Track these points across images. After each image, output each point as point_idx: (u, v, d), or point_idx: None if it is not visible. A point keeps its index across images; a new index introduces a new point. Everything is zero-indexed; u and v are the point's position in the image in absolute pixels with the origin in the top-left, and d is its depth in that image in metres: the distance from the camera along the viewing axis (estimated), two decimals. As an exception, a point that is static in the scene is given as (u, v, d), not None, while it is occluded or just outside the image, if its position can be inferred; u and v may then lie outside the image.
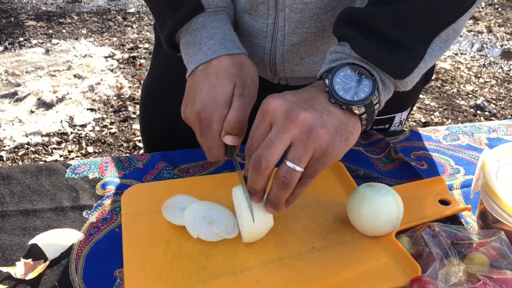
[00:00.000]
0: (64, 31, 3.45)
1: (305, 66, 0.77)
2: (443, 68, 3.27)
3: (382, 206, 0.59)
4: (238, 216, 0.61)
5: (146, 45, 3.31)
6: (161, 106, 0.91)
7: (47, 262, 0.58)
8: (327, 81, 0.56)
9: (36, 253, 0.60)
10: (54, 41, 3.27)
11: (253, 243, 0.60)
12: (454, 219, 0.69)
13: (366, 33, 0.56)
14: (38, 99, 2.58)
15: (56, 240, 0.61)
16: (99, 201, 0.68)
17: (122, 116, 2.52)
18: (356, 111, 0.55)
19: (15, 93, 2.63)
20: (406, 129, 0.91)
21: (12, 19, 3.57)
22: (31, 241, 0.60)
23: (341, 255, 0.59)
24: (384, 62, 0.56)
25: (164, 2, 0.67)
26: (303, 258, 0.58)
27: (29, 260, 0.58)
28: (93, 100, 2.64)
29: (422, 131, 0.90)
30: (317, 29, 0.71)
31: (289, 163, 0.52)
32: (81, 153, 2.25)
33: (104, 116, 2.52)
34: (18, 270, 0.57)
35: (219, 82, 0.61)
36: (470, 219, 0.69)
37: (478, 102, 2.85)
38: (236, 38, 0.66)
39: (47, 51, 3.13)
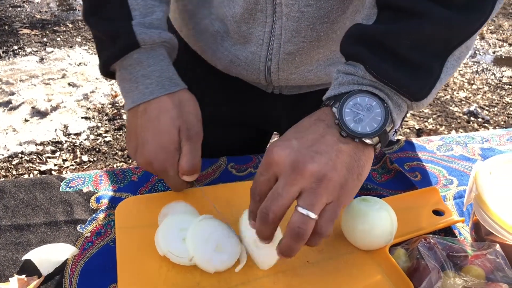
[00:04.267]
0: (58, 39, 3.44)
1: (299, 74, 0.77)
2: (437, 75, 3.29)
3: (376, 221, 0.59)
4: (247, 242, 0.59)
5: (141, 53, 3.32)
6: None
7: (41, 278, 0.58)
8: (334, 110, 0.53)
9: (29, 269, 0.59)
10: (49, 49, 3.27)
11: (248, 257, 0.60)
12: (448, 231, 0.69)
13: (383, 54, 0.53)
14: (32, 107, 2.57)
15: (50, 255, 0.60)
16: (93, 215, 0.68)
17: (117, 124, 2.52)
18: (370, 142, 0.53)
19: (9, 102, 2.62)
20: (401, 138, 0.91)
21: (6, 27, 3.57)
22: (25, 257, 0.60)
23: (335, 271, 0.59)
24: (403, 85, 0.53)
25: (103, 31, 0.65)
26: (297, 273, 0.58)
27: (23, 276, 0.58)
28: (88, 109, 2.63)
29: (416, 141, 0.90)
30: (313, 39, 0.71)
31: (301, 209, 0.49)
32: (75, 162, 2.24)
33: (99, 124, 2.51)
34: (12, 286, 0.56)
35: (163, 128, 0.61)
36: (464, 231, 0.69)
37: (471, 108, 2.87)
38: (174, 73, 0.65)
39: (42, 59, 3.13)
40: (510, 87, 3.19)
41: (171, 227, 0.60)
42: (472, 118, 2.80)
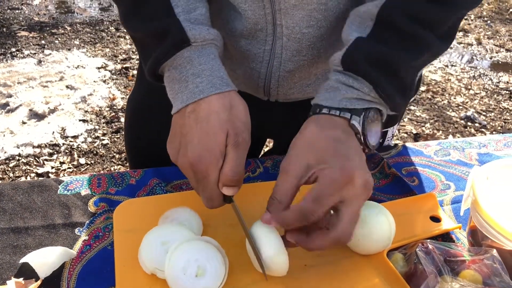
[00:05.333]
0: (56, 41, 3.44)
1: (298, 89, 0.77)
2: (434, 80, 3.30)
3: (375, 226, 0.59)
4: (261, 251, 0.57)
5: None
6: (147, 125, 0.90)
7: (39, 282, 0.58)
8: (355, 124, 0.56)
9: (27, 272, 0.59)
10: (47, 51, 3.27)
11: (245, 260, 0.60)
12: (445, 236, 0.69)
13: (390, 77, 0.57)
14: (30, 110, 2.57)
15: (47, 258, 0.60)
16: (91, 218, 0.68)
17: (115, 127, 2.52)
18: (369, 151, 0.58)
19: (6, 104, 2.61)
20: (398, 142, 0.92)
21: (4, 29, 3.56)
22: (22, 260, 0.60)
23: (332, 274, 0.59)
24: (398, 104, 0.58)
25: (147, 31, 0.62)
26: (295, 277, 0.58)
27: (20, 279, 0.58)
28: (85, 111, 2.63)
29: (413, 146, 0.91)
30: (313, 56, 0.72)
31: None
32: (73, 164, 2.23)
33: (96, 127, 2.51)
34: (9, 289, 0.56)
35: (211, 130, 0.57)
36: (461, 235, 0.69)
37: (469, 113, 2.88)
38: (225, 74, 0.62)
39: (40, 61, 3.13)
40: (507, 92, 3.20)
41: (152, 243, 0.58)
42: (469, 123, 2.81)
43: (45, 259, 0.60)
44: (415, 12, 0.56)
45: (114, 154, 2.33)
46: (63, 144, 2.36)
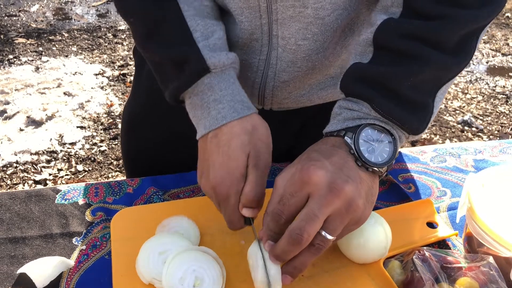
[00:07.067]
0: (54, 48, 3.45)
1: (292, 99, 0.78)
2: (431, 84, 3.32)
3: (371, 235, 0.60)
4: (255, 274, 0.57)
5: (137, 62, 3.32)
6: (143, 134, 0.90)
7: (36, 292, 0.58)
8: (348, 140, 0.55)
9: (25, 282, 0.59)
10: (44, 58, 3.27)
11: (242, 270, 0.60)
12: (442, 243, 0.70)
13: (386, 94, 0.56)
14: (28, 117, 2.57)
15: (45, 268, 0.60)
16: (89, 228, 0.68)
17: (112, 133, 2.52)
18: (380, 172, 0.56)
19: (4, 111, 2.61)
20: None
21: (2, 36, 3.57)
22: (20, 270, 0.60)
23: (329, 284, 0.60)
24: (406, 122, 0.57)
25: (166, 56, 0.63)
26: (292, 287, 0.58)
27: (18, 290, 0.58)
28: (83, 118, 2.63)
29: (410, 152, 0.91)
30: (308, 68, 0.72)
31: (324, 233, 0.51)
32: (70, 171, 2.23)
33: (94, 134, 2.51)
34: (7, 300, 0.56)
35: (232, 154, 0.58)
36: (457, 242, 0.70)
37: (466, 118, 2.89)
38: (245, 96, 0.63)
39: (37, 68, 3.13)
40: (504, 96, 3.22)
41: (150, 253, 0.58)
42: (466, 128, 2.82)
43: (42, 269, 0.60)
44: (408, 30, 0.56)
45: (112, 160, 2.33)
46: (61, 151, 2.36)
